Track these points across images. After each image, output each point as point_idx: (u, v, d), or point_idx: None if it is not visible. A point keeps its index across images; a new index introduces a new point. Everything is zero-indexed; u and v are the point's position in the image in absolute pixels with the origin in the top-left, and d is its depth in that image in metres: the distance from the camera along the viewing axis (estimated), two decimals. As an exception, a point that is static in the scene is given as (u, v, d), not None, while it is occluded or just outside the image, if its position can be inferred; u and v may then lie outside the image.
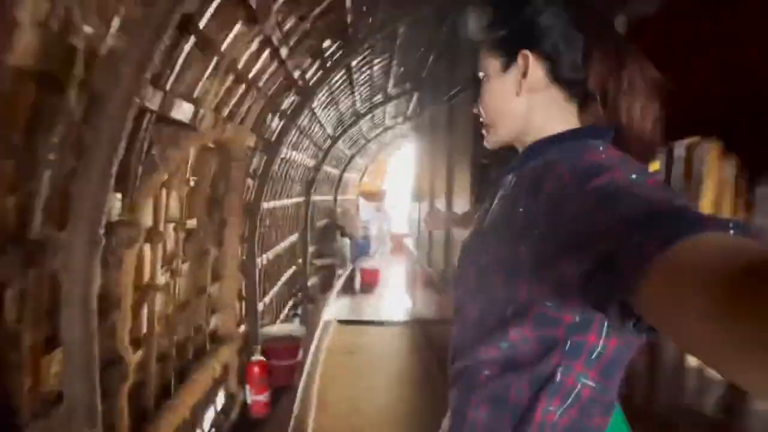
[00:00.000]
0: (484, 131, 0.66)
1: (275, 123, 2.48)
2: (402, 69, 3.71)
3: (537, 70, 0.58)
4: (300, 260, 4.71)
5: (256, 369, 2.47)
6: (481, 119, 0.65)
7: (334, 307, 5.28)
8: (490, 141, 0.65)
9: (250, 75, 1.77)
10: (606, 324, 0.50)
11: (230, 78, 1.61)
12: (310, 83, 2.51)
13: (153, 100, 1.13)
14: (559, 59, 0.57)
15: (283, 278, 3.82)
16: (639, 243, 0.35)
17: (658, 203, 0.38)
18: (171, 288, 1.80)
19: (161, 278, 1.69)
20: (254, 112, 2.02)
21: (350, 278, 6.37)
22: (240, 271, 2.48)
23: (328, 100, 3.36)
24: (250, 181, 2.50)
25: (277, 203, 3.33)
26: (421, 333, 4.59)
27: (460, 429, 0.60)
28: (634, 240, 0.35)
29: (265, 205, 2.89)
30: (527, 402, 0.54)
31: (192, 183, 1.85)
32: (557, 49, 0.56)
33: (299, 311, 4.23)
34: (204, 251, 2.14)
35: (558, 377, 0.52)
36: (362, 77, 3.43)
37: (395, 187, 9.90)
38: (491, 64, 0.62)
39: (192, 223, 1.91)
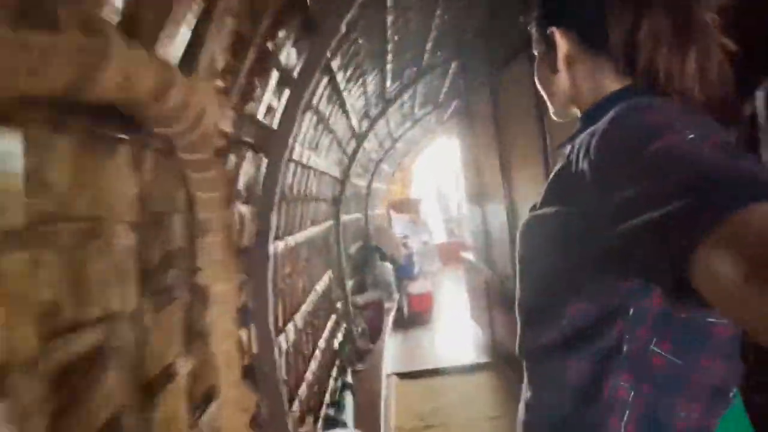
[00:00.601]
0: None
1: (272, 92, 1.30)
2: (446, 16, 2.53)
3: (565, 43, 0.57)
4: (339, 304, 3.53)
5: None
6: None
7: (386, 354, 4.04)
8: (553, 114, 0.65)
9: None
10: None
11: None
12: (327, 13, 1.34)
13: None
14: (584, 28, 0.56)
15: (322, 341, 2.64)
16: (693, 211, 0.33)
17: (717, 167, 0.35)
18: None
19: None
20: (212, 47, 0.85)
21: (398, 310, 5.14)
22: (246, 380, 1.31)
23: (352, 68, 2.19)
24: (243, 208, 1.33)
25: (300, 236, 2.16)
26: (513, 376, 3.31)
27: (529, 414, 0.58)
28: (688, 208, 0.33)
29: (279, 245, 1.71)
30: (591, 380, 0.50)
31: (72, 232, 0.68)
32: (581, 18, 0.56)
33: (349, 379, 3.03)
34: (157, 377, 0.96)
35: (624, 348, 0.48)
36: (397, 28, 2.25)
37: (427, 194, 8.68)
38: (536, 44, 0.63)
39: (88, 339, 0.72)
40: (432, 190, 9.36)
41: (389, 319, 4.40)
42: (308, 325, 2.32)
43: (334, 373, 2.88)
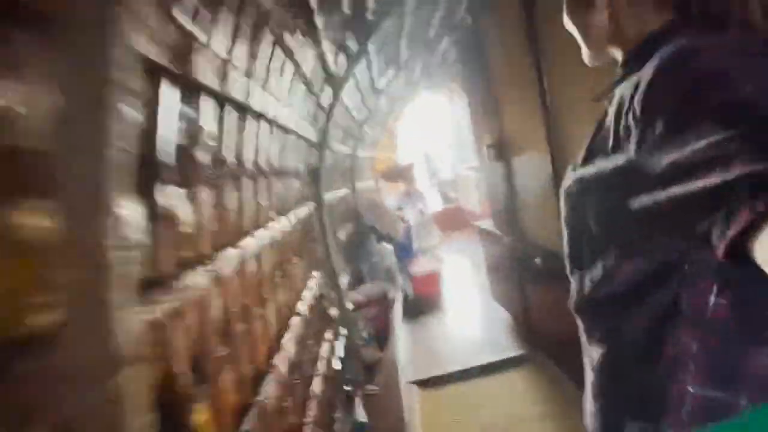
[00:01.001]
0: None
1: None
2: None
3: None
4: (334, 309, 2.67)
5: None
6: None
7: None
8: (586, 57, 0.61)
9: None
10: None
11: None
12: None
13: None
14: None
15: (317, 383, 1.79)
16: (758, 177, 0.31)
17: None
18: None
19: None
20: None
21: (403, 297, 4.33)
22: None
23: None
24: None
25: (253, 242, 1.25)
26: (556, 370, 2.57)
27: (594, 373, 0.56)
28: (752, 173, 0.32)
29: (197, 282, 0.80)
30: (652, 337, 0.49)
31: None
32: None
33: (361, 415, 2.21)
34: None
35: (684, 302, 0.47)
36: None
37: (416, 158, 7.74)
38: None
39: None
40: (419, 152, 8.42)
41: (397, 314, 3.59)
42: (293, 372, 1.46)
43: (338, 413, 2.07)
